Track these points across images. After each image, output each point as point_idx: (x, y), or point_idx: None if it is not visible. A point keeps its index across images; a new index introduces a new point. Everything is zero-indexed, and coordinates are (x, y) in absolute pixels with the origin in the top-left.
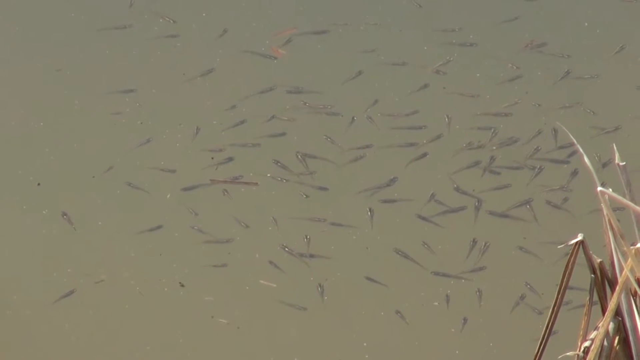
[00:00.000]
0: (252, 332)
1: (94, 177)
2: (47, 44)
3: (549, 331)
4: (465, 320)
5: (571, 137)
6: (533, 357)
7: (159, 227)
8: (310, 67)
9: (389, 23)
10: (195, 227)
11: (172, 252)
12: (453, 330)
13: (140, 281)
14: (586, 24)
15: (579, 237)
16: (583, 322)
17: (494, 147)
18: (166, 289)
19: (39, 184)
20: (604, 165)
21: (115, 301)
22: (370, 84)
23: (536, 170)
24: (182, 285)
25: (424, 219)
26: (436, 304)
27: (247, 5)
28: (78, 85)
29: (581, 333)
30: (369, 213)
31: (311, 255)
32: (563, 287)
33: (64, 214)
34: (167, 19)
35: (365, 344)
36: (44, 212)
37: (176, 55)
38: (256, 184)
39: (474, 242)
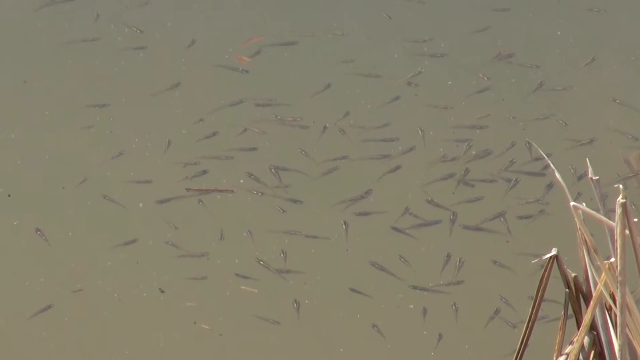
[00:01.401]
0: (234, 339)
1: (63, 188)
2: (15, 56)
3: (524, 346)
4: (440, 335)
5: (541, 152)
6: None
7: (134, 240)
8: (279, 79)
9: (357, 33)
10: (170, 243)
11: (149, 261)
12: (429, 344)
13: (118, 288)
14: (559, 32)
15: (553, 252)
16: (558, 336)
17: (469, 160)
18: (145, 294)
19: (9, 195)
20: (580, 177)
21: (93, 309)
22: (340, 96)
23: (512, 182)
24: (162, 292)
25: (399, 231)
26: (411, 306)
27: (213, 16)
28: (47, 98)
29: (556, 347)
30: (344, 226)
31: (287, 271)
32: (537, 302)
33: (38, 229)
34: (134, 28)
35: (341, 350)
36: (15, 223)
37: (144, 67)
38: (232, 191)
39: (449, 256)
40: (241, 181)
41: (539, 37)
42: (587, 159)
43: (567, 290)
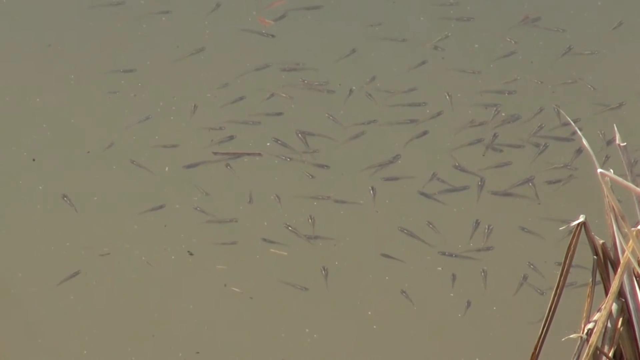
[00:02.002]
0: (263, 303)
1: (89, 152)
2: (39, 20)
3: (552, 313)
4: (469, 303)
5: (567, 118)
6: (536, 339)
7: (161, 206)
8: (304, 43)
9: None
10: (198, 208)
11: (177, 225)
12: (459, 315)
13: (145, 252)
14: None
15: (581, 219)
16: (586, 303)
17: (497, 125)
18: (173, 257)
19: (34, 160)
20: (608, 142)
21: (121, 272)
22: (366, 60)
23: (540, 147)
24: (191, 254)
25: (426, 196)
26: (439, 268)
27: None
28: (72, 62)
29: (584, 315)
30: (372, 191)
31: (316, 237)
32: (565, 270)
33: (64, 195)
34: None
35: (369, 313)
36: (40, 187)
37: (168, 31)
38: (259, 154)
39: (477, 222)
40: (268, 144)
41: (567, 0)
42: (614, 125)
43: (595, 257)
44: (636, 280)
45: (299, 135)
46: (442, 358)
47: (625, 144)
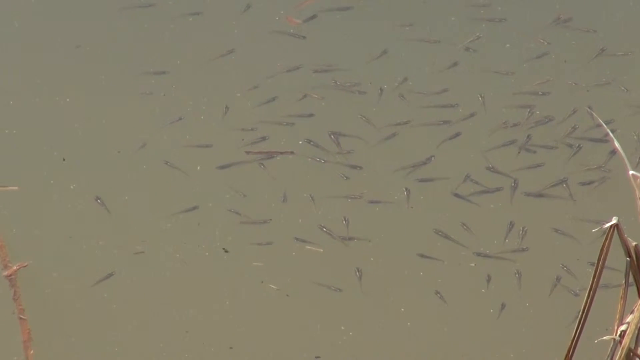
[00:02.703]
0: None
1: (119, 152)
2: (69, 21)
3: (585, 316)
4: (503, 305)
5: (598, 119)
6: (570, 341)
7: (195, 207)
8: (335, 44)
9: None
10: (232, 210)
11: (211, 223)
12: (492, 310)
13: (179, 250)
14: None
15: (613, 221)
16: (619, 305)
17: (530, 127)
18: (207, 254)
19: (64, 159)
20: None
21: (155, 270)
22: (398, 61)
23: (574, 149)
24: (226, 252)
25: (460, 197)
26: (472, 265)
27: None
28: (103, 63)
29: (617, 317)
30: (406, 192)
31: (350, 238)
32: (598, 272)
33: (98, 197)
34: None
35: (402, 309)
36: (71, 187)
37: (199, 32)
38: (292, 152)
39: (512, 224)
40: (300, 142)
41: (599, 1)
42: None
43: (627, 259)
44: None
45: (332, 136)
46: (475, 357)
47: None
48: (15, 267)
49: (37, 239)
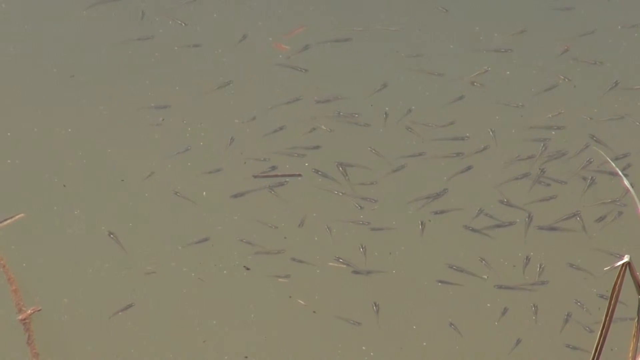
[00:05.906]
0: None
1: (123, 180)
2: (68, 52)
3: (599, 353)
4: (518, 340)
5: (604, 156)
6: None
7: (206, 239)
8: (334, 76)
9: (414, 28)
10: (245, 240)
11: (223, 245)
12: (508, 346)
13: (194, 269)
14: (619, 27)
15: (625, 259)
16: (632, 342)
17: (545, 161)
18: (225, 271)
19: (64, 185)
20: None
21: (169, 288)
22: (402, 94)
23: (588, 182)
24: (248, 269)
25: (474, 231)
26: (488, 305)
27: (259, 13)
28: (103, 94)
29: (630, 355)
30: (421, 226)
31: (368, 272)
32: (611, 310)
33: (111, 233)
34: (179, 21)
35: (424, 344)
36: (75, 212)
37: (198, 64)
38: (299, 175)
39: (528, 259)
40: (306, 164)
41: (604, 33)
42: None
43: (639, 297)
44: None
45: (340, 168)
46: None
47: None
48: (29, 311)
49: (44, 265)
